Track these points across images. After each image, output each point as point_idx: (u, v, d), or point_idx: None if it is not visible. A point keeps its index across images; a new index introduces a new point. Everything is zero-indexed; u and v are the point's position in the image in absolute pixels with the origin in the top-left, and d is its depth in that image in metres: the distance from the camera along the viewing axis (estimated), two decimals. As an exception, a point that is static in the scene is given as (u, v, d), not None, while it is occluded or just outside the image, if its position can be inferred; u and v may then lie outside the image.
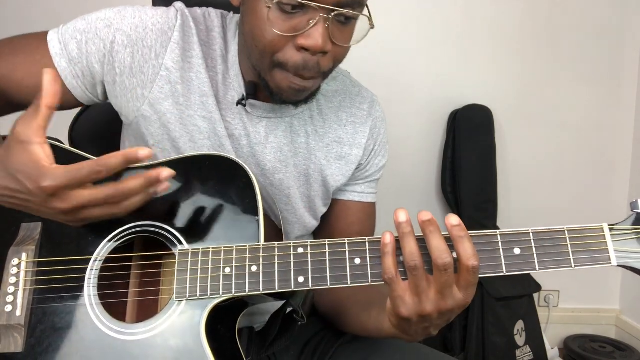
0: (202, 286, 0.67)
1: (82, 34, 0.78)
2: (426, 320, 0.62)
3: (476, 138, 1.92)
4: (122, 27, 0.78)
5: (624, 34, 1.98)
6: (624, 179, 2.05)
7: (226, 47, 0.83)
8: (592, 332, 2.07)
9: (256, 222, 0.70)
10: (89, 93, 0.82)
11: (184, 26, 0.81)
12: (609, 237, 0.62)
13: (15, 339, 0.69)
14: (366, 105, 0.92)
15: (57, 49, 0.78)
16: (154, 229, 0.71)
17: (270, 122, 0.84)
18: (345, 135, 0.89)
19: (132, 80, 0.79)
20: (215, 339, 0.67)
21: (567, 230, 0.63)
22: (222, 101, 0.82)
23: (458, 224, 0.61)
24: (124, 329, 0.68)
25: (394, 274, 0.61)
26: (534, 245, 0.63)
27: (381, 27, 1.92)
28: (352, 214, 0.94)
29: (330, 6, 0.68)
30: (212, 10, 0.86)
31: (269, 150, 0.84)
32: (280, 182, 0.86)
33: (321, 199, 0.90)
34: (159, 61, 0.79)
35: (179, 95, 0.80)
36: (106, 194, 0.61)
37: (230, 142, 0.82)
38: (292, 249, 0.66)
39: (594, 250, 0.62)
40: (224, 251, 0.67)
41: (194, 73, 0.81)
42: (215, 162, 0.73)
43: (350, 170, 0.90)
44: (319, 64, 0.72)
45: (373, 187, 0.96)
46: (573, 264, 0.62)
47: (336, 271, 0.65)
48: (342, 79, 0.93)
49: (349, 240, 0.65)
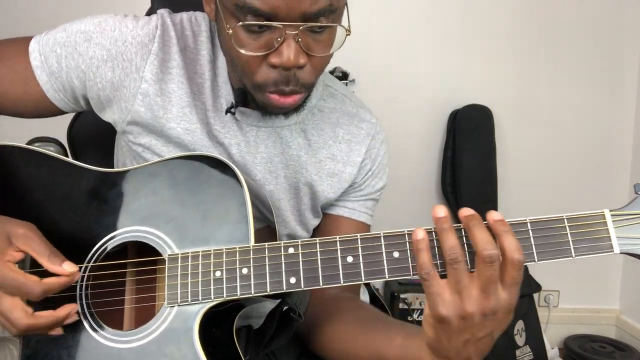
0: (192, 291, 0.66)
1: (62, 47, 0.77)
2: (467, 327, 0.57)
3: (476, 138, 1.92)
4: (101, 42, 0.76)
5: (624, 34, 1.98)
6: (624, 179, 2.05)
7: (214, 52, 0.81)
8: (592, 332, 2.07)
9: (245, 223, 0.68)
10: (72, 104, 0.82)
11: (164, 36, 0.78)
12: (610, 223, 0.59)
13: (10, 351, 0.69)
14: (364, 124, 0.89)
15: (37, 61, 0.77)
16: (143, 234, 0.71)
17: (261, 131, 0.82)
18: (339, 153, 0.87)
19: (116, 94, 0.78)
20: (211, 342, 0.67)
21: (567, 218, 0.60)
22: (210, 108, 0.80)
23: (500, 218, 0.58)
24: (118, 336, 0.68)
25: (430, 269, 0.57)
26: (532, 235, 0.60)
27: (381, 27, 1.93)
28: (342, 230, 0.90)
29: (295, 22, 0.65)
30: (199, 14, 0.84)
31: (258, 160, 0.83)
32: (270, 193, 0.84)
33: (311, 212, 0.88)
34: (140, 74, 0.77)
35: (158, 108, 0.78)
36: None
37: (220, 151, 0.81)
38: (282, 250, 0.65)
39: (595, 238, 0.59)
40: (213, 254, 0.66)
41: (174, 84, 0.79)
42: (203, 162, 0.72)
43: (341, 188, 0.88)
44: (297, 77, 0.70)
45: (368, 206, 0.92)
46: (573, 253, 0.59)
47: (328, 270, 0.63)
48: (341, 97, 0.90)
49: (341, 237, 0.64)
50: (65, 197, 0.74)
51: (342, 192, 0.89)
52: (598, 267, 2.08)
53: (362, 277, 0.63)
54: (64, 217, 0.72)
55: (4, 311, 0.64)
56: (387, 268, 0.63)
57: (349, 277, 0.63)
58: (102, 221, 0.72)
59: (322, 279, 0.64)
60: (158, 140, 0.80)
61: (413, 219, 2.04)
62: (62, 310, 0.67)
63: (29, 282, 0.64)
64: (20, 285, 0.64)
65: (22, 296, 0.64)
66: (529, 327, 1.86)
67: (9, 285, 0.64)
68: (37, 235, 0.67)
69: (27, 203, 0.71)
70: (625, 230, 0.59)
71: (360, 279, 0.63)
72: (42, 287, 0.64)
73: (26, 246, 0.65)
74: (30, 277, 0.65)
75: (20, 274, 0.64)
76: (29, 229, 0.67)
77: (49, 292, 0.65)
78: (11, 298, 0.64)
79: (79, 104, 0.82)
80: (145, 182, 0.72)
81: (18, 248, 0.66)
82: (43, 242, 0.67)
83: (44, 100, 0.80)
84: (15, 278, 0.64)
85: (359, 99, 0.93)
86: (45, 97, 0.79)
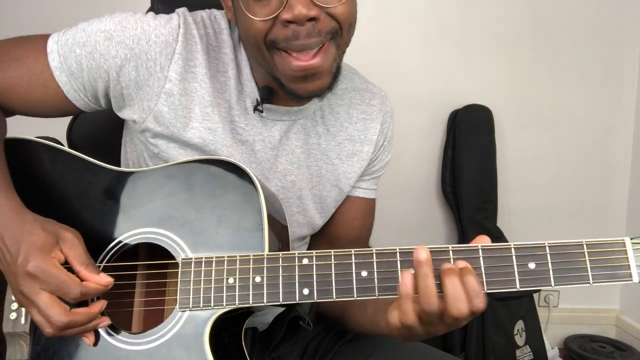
0: (205, 297, 0.66)
1: (82, 47, 0.76)
2: (431, 325, 0.61)
3: (476, 138, 1.92)
4: (123, 40, 0.75)
5: (624, 34, 1.98)
6: (624, 179, 2.05)
7: (235, 49, 0.81)
8: (592, 332, 2.07)
9: (260, 231, 0.67)
10: (92, 104, 0.81)
11: (186, 34, 0.78)
12: (631, 252, 0.58)
13: (21, 347, 0.69)
14: (376, 100, 0.91)
15: (56, 62, 0.76)
16: (157, 236, 0.70)
17: (285, 125, 0.83)
18: (356, 133, 0.89)
19: (139, 93, 0.77)
20: (220, 348, 0.67)
21: (586, 244, 0.59)
22: (234, 107, 0.80)
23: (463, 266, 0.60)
24: (129, 338, 0.68)
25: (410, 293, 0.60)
26: (549, 260, 0.59)
27: (381, 27, 1.92)
28: (356, 209, 0.94)
29: None
30: (216, 11, 0.84)
31: (281, 153, 0.83)
32: (292, 183, 0.85)
33: (333, 200, 0.90)
34: (164, 74, 0.76)
35: (182, 108, 0.78)
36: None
37: (242, 150, 0.81)
38: (296, 260, 0.64)
39: (614, 266, 0.59)
40: (227, 261, 0.66)
41: (197, 83, 0.78)
42: (219, 167, 0.71)
43: (362, 167, 0.90)
44: (316, 28, 0.69)
45: (376, 183, 0.96)
46: (591, 280, 0.58)
47: (342, 284, 0.63)
48: (350, 77, 0.91)
49: (356, 251, 0.63)
50: (81, 194, 0.74)
51: (362, 171, 0.90)
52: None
53: (376, 293, 0.62)
54: (78, 215, 0.72)
55: (42, 307, 0.63)
56: None
57: (363, 292, 0.63)
58: (116, 221, 0.72)
59: (335, 292, 0.63)
60: (176, 142, 0.79)
61: (413, 219, 2.04)
62: (95, 306, 0.67)
63: (71, 281, 0.64)
64: (62, 282, 0.64)
65: (61, 294, 0.64)
66: (529, 327, 1.86)
67: (51, 281, 0.63)
68: (82, 243, 0.67)
69: (42, 199, 0.71)
70: None
71: (374, 294, 0.62)
72: (81, 288, 0.64)
73: (70, 250, 0.66)
74: (72, 276, 0.65)
75: (64, 271, 0.64)
76: (75, 236, 0.67)
77: (86, 296, 0.66)
78: (49, 294, 0.64)
79: (99, 103, 0.81)
80: (161, 184, 0.72)
81: (62, 250, 0.66)
82: (85, 251, 0.67)
83: (64, 100, 0.79)
84: (59, 274, 0.64)
85: (363, 75, 0.95)
86: (66, 97, 0.78)
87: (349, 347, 0.88)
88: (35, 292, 0.63)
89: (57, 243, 0.66)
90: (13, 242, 0.64)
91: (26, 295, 0.64)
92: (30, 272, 0.63)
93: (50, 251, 0.65)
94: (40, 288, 0.63)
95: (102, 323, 0.68)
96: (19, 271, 0.64)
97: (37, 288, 0.63)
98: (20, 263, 0.63)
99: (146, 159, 0.83)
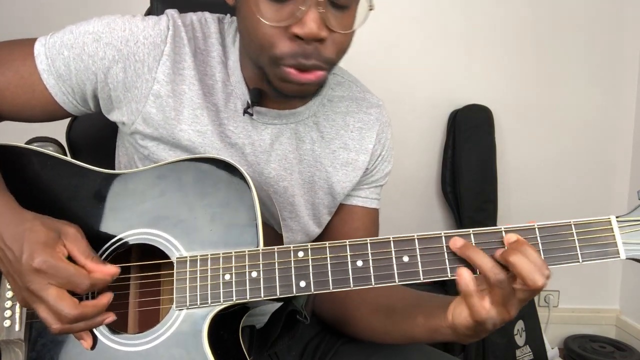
0: (202, 294, 0.66)
1: (69, 49, 0.75)
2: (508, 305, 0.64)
3: (476, 138, 1.92)
4: (111, 41, 0.74)
5: (624, 34, 1.98)
6: (624, 179, 2.05)
7: (225, 53, 0.81)
8: (592, 332, 2.07)
9: (254, 226, 0.67)
10: (80, 107, 0.80)
11: (175, 37, 0.77)
12: (617, 229, 0.61)
13: (16, 354, 0.69)
14: (374, 109, 0.90)
15: (44, 64, 0.76)
16: (151, 237, 0.70)
17: (276, 129, 0.82)
18: (351, 142, 0.88)
19: (127, 95, 0.77)
20: (219, 345, 0.66)
21: (574, 224, 0.62)
22: (222, 109, 0.80)
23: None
24: (126, 340, 0.68)
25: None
26: (540, 242, 0.62)
27: (382, 27, 1.93)
28: (357, 218, 0.92)
29: None
30: (208, 15, 0.83)
31: (273, 157, 0.83)
32: (284, 189, 0.84)
33: (326, 207, 0.89)
34: (152, 75, 0.76)
35: (170, 110, 0.77)
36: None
37: (232, 153, 0.80)
38: (292, 254, 0.65)
39: (602, 244, 0.61)
40: (222, 258, 0.66)
41: (186, 85, 0.78)
42: (212, 165, 0.71)
43: (357, 176, 0.88)
44: (318, 50, 0.69)
45: (377, 193, 0.94)
46: (580, 258, 0.61)
47: (338, 274, 0.63)
48: (348, 85, 0.91)
49: (350, 242, 0.64)
50: (71, 198, 0.74)
51: (357, 180, 0.89)
52: (598, 267, 2.07)
53: (372, 282, 0.63)
54: (70, 219, 0.71)
55: (52, 301, 0.63)
56: (397, 272, 0.63)
57: (359, 282, 0.63)
58: (109, 223, 0.72)
59: (332, 283, 0.64)
60: (166, 144, 0.79)
61: (413, 219, 2.04)
62: (103, 297, 0.67)
63: (80, 273, 0.64)
64: (70, 275, 0.63)
65: (70, 287, 0.64)
66: (529, 327, 1.86)
67: (60, 274, 0.63)
68: (84, 238, 0.68)
69: (34, 204, 0.70)
70: (631, 236, 0.61)
71: (370, 283, 0.63)
72: (91, 280, 0.64)
73: (73, 244, 0.66)
74: (80, 269, 0.65)
75: (71, 265, 0.64)
76: (77, 231, 0.67)
77: (95, 287, 0.66)
78: (57, 288, 0.63)
79: (87, 106, 0.81)
80: (152, 184, 0.72)
81: (65, 245, 0.66)
82: (88, 245, 0.67)
83: (52, 104, 0.78)
84: (67, 268, 0.64)
85: (362, 83, 0.94)
86: (54, 100, 0.78)
87: (348, 347, 0.87)
88: (44, 288, 0.63)
89: (59, 238, 0.66)
90: (14, 241, 0.64)
91: (34, 292, 0.63)
92: (37, 268, 0.62)
93: (55, 246, 0.64)
94: (48, 283, 0.63)
95: (108, 318, 0.67)
96: (24, 269, 0.63)
97: (45, 283, 0.63)
98: (25, 260, 0.63)
99: (137, 161, 0.83)
